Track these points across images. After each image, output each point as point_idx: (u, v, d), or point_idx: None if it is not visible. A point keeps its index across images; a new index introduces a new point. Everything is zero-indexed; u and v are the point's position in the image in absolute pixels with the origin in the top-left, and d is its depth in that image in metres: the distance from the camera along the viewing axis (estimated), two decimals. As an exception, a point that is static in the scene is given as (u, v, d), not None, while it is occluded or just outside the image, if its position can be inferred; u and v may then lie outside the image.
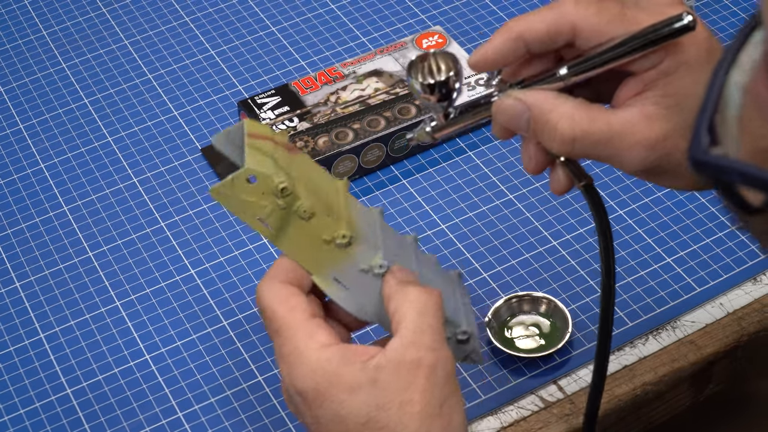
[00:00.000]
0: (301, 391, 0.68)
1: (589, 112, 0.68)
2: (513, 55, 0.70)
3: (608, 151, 0.68)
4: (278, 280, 0.71)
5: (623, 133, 0.68)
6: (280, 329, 0.70)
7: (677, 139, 0.67)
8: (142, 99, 1.17)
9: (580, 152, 0.69)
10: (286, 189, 0.69)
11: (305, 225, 0.71)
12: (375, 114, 1.08)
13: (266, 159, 0.70)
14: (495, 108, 0.71)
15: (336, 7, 1.25)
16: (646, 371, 0.91)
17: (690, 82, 0.67)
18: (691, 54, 0.67)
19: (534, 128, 0.69)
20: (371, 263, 0.72)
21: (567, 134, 0.68)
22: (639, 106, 0.68)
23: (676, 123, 0.67)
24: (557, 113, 0.68)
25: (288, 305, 0.70)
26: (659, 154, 0.68)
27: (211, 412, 0.91)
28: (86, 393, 0.93)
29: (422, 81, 0.70)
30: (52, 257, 1.03)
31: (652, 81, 0.67)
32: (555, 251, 1.00)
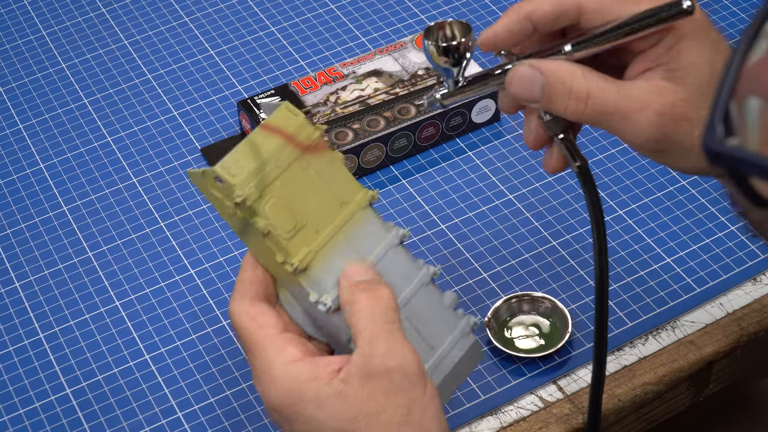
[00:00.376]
0: (275, 407, 0.69)
1: (601, 77, 0.71)
2: (521, 34, 0.73)
3: (618, 114, 0.70)
4: (247, 296, 0.72)
5: (634, 98, 0.70)
6: (251, 347, 0.70)
7: (685, 108, 0.70)
8: (142, 99, 1.17)
9: (591, 113, 0.70)
10: (243, 204, 0.69)
11: (261, 239, 0.70)
12: (374, 114, 1.08)
13: (250, 163, 0.69)
14: (510, 75, 0.73)
15: (336, 7, 1.25)
16: (646, 371, 0.91)
17: (692, 54, 0.70)
18: (689, 28, 0.70)
19: (548, 92, 0.71)
20: (322, 296, 0.71)
21: (582, 90, 0.70)
22: (647, 80, 0.70)
23: (683, 94, 0.70)
24: (572, 74, 0.70)
25: (257, 323, 0.70)
26: (668, 119, 0.70)
27: (211, 412, 0.91)
28: (86, 393, 0.93)
29: (437, 44, 0.74)
30: (52, 257, 1.03)
31: (659, 56, 0.70)
32: (555, 251, 1.00)
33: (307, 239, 0.71)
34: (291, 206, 0.71)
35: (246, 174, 0.69)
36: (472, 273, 0.99)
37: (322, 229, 0.71)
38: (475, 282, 0.98)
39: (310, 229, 0.71)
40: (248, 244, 0.72)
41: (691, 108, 0.70)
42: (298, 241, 0.70)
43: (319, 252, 0.71)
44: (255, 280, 0.72)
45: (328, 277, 0.71)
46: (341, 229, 0.72)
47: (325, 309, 0.70)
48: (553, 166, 0.75)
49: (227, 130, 1.13)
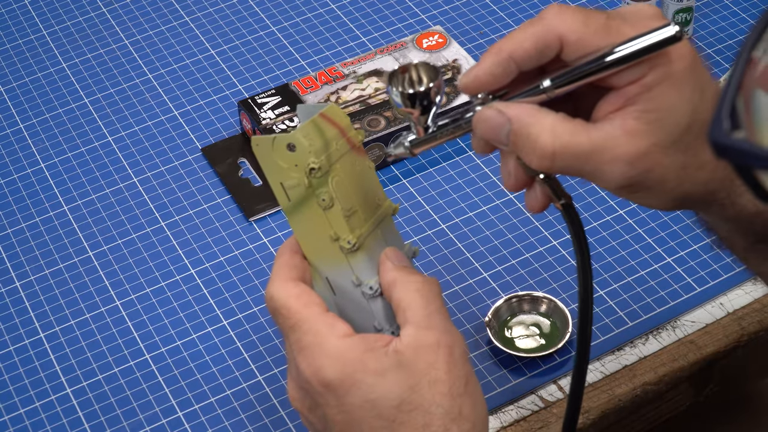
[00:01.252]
0: (326, 380, 0.68)
1: (570, 125, 0.66)
2: (504, 76, 0.68)
3: (588, 166, 0.66)
4: (289, 279, 0.72)
5: (604, 148, 0.66)
6: (297, 323, 0.70)
7: (658, 155, 0.66)
8: (143, 99, 1.17)
9: (560, 167, 0.67)
10: (316, 170, 0.70)
11: (320, 213, 0.72)
12: (375, 114, 1.08)
13: (318, 139, 0.71)
14: (475, 120, 0.69)
15: (336, 7, 1.25)
16: (646, 371, 0.91)
17: (673, 97, 0.65)
18: (675, 68, 0.65)
19: (514, 141, 0.67)
20: (364, 280, 0.72)
21: (547, 148, 0.66)
22: (620, 120, 0.66)
23: (657, 138, 0.65)
24: (538, 126, 0.66)
25: (302, 301, 0.71)
26: (639, 170, 0.66)
27: (211, 412, 0.91)
28: (86, 392, 0.93)
29: (402, 91, 0.69)
30: (52, 257, 1.03)
31: (634, 95, 0.65)
32: (555, 251, 1.00)
33: (359, 224, 0.72)
34: (348, 190, 0.72)
35: (318, 146, 0.71)
36: (473, 272, 0.99)
37: (367, 219, 0.73)
38: (475, 282, 0.98)
39: (360, 216, 0.73)
40: (297, 222, 0.73)
41: (665, 154, 0.66)
42: (352, 222, 0.72)
43: (366, 239, 0.73)
44: (294, 265, 0.73)
45: (371, 266, 0.72)
46: (379, 226, 0.74)
47: (372, 292, 0.72)
48: (538, 207, 0.71)
49: (228, 130, 1.13)
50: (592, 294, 0.73)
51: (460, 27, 1.22)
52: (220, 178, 1.08)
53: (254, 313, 0.97)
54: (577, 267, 0.72)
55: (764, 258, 0.73)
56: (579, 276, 0.72)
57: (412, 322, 0.69)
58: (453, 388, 0.68)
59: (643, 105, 0.65)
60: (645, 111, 0.65)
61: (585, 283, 0.72)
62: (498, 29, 1.21)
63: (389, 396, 0.67)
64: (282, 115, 1.08)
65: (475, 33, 1.21)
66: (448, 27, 1.21)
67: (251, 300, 0.98)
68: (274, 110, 1.09)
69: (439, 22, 1.22)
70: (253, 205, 1.06)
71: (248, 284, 1.00)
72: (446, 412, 0.67)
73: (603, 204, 1.03)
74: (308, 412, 0.71)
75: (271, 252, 1.02)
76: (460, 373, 0.69)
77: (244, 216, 1.05)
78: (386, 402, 0.67)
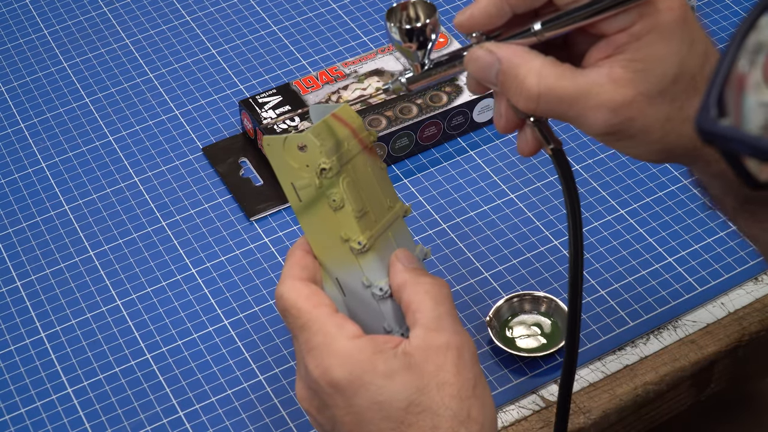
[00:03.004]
0: (335, 381, 0.68)
1: (557, 69, 0.67)
2: (498, 16, 0.70)
3: (572, 110, 0.67)
4: (299, 279, 0.72)
5: (588, 93, 0.67)
6: (307, 324, 0.70)
7: (642, 105, 0.67)
8: (144, 98, 1.17)
9: (544, 109, 0.68)
10: (327, 171, 0.70)
11: (331, 214, 0.72)
12: (376, 113, 1.08)
13: (330, 140, 0.71)
14: (467, 58, 0.70)
15: (337, 7, 1.25)
16: (647, 371, 0.91)
17: (661, 48, 0.66)
18: (663, 19, 0.66)
19: (502, 81, 0.69)
20: (374, 282, 0.72)
21: (533, 89, 0.67)
22: (607, 68, 0.67)
23: (642, 88, 0.66)
24: (526, 67, 0.68)
25: (312, 301, 0.71)
26: (622, 117, 0.67)
27: (212, 411, 0.91)
28: (87, 392, 0.93)
29: (400, 26, 0.71)
30: (53, 256, 1.03)
31: (623, 44, 0.66)
32: (556, 250, 1.00)
33: (369, 225, 0.73)
34: (359, 191, 0.72)
35: (329, 146, 0.71)
36: (474, 272, 0.99)
37: (378, 221, 0.74)
38: (476, 281, 0.98)
39: (371, 217, 0.73)
40: (307, 222, 0.73)
41: (649, 104, 0.67)
42: (362, 223, 0.72)
43: (377, 240, 0.73)
44: (305, 266, 0.73)
45: (381, 267, 0.73)
46: (390, 228, 0.74)
47: (381, 294, 0.72)
48: (528, 150, 0.72)
49: (229, 130, 1.13)
50: (583, 246, 0.72)
51: (461, 26, 1.21)
52: (221, 177, 1.08)
53: (255, 312, 0.97)
54: (567, 213, 0.71)
55: (753, 220, 0.74)
56: (569, 225, 0.71)
57: (422, 324, 0.69)
58: (462, 391, 0.68)
59: (631, 54, 0.66)
60: (632, 60, 0.66)
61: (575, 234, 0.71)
62: (499, 29, 1.21)
63: (398, 398, 0.67)
64: (283, 115, 1.08)
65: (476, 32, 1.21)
66: (449, 26, 1.21)
67: (252, 300, 0.98)
68: (275, 110, 1.09)
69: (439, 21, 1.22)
70: (254, 204, 1.06)
71: (249, 284, 1.00)
72: (455, 414, 0.67)
73: (604, 203, 1.03)
74: (316, 413, 0.71)
75: (272, 252, 1.02)
76: (469, 375, 0.69)
77: (245, 216, 1.05)
78: (394, 404, 0.67)
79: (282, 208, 1.05)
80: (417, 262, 0.73)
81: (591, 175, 1.06)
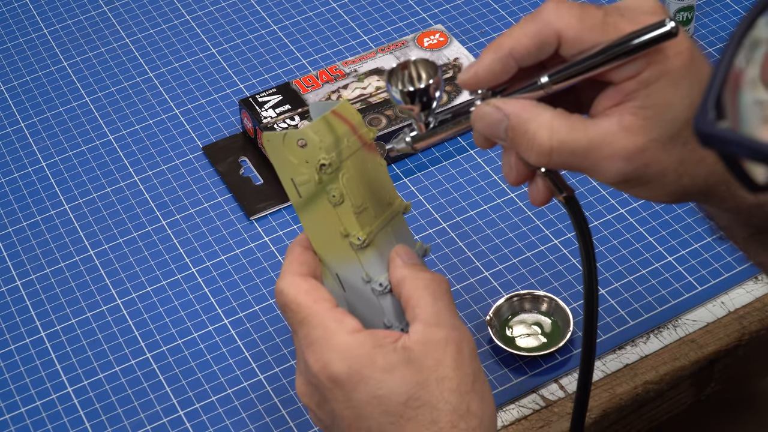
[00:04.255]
0: (334, 375, 0.68)
1: (567, 121, 0.66)
2: (503, 72, 0.68)
3: (586, 162, 0.66)
4: (299, 274, 0.72)
5: (601, 144, 0.66)
6: (306, 318, 0.70)
7: (655, 151, 0.66)
8: (144, 97, 1.17)
9: (557, 163, 0.67)
10: (326, 167, 0.70)
11: (330, 209, 0.72)
12: (376, 113, 1.08)
13: (329, 136, 0.71)
14: (474, 116, 0.69)
15: (337, 6, 1.25)
16: (648, 370, 0.91)
17: (671, 93, 0.65)
18: (672, 64, 0.65)
19: (512, 137, 0.68)
20: (374, 277, 0.73)
21: (545, 144, 0.66)
22: (617, 116, 0.66)
23: (655, 134, 0.66)
24: (536, 123, 0.67)
25: (312, 296, 0.71)
26: (636, 165, 0.66)
27: (212, 411, 0.91)
28: (87, 391, 0.93)
29: (402, 89, 0.69)
30: (53, 255, 1.03)
31: (632, 91, 0.65)
32: (556, 250, 1.00)
33: (369, 221, 0.73)
34: (359, 187, 0.73)
35: (329, 142, 0.71)
36: (474, 271, 0.99)
37: (378, 217, 0.74)
38: (476, 280, 0.98)
39: (371, 212, 0.73)
40: (307, 218, 0.73)
41: (662, 150, 0.66)
42: (362, 219, 0.72)
43: (377, 236, 0.73)
44: (305, 261, 0.73)
45: (381, 263, 0.73)
46: (389, 224, 0.75)
47: (381, 289, 0.72)
48: (540, 200, 0.71)
49: (229, 129, 1.13)
50: (597, 289, 0.73)
51: (461, 26, 1.22)
52: (221, 176, 1.08)
53: (255, 311, 0.97)
54: (582, 260, 0.72)
55: (764, 249, 0.74)
56: (584, 269, 0.72)
57: (421, 319, 0.70)
58: (461, 385, 0.68)
59: (641, 101, 0.66)
60: (642, 107, 0.65)
61: (590, 277, 0.72)
62: (499, 28, 1.21)
63: (397, 392, 0.68)
64: (283, 114, 1.08)
65: (476, 32, 1.21)
66: (449, 26, 1.21)
67: (252, 299, 0.98)
68: (275, 109, 1.09)
69: (440, 20, 1.22)
70: (254, 203, 1.06)
71: (249, 283, 1.00)
72: (454, 408, 0.68)
73: (604, 203, 1.03)
74: (316, 408, 0.71)
75: (272, 251, 1.02)
76: (468, 370, 0.69)
77: (245, 215, 1.05)
78: (394, 398, 0.68)
79: (282, 207, 1.05)
80: (416, 257, 0.74)
81: (591, 175, 1.06)
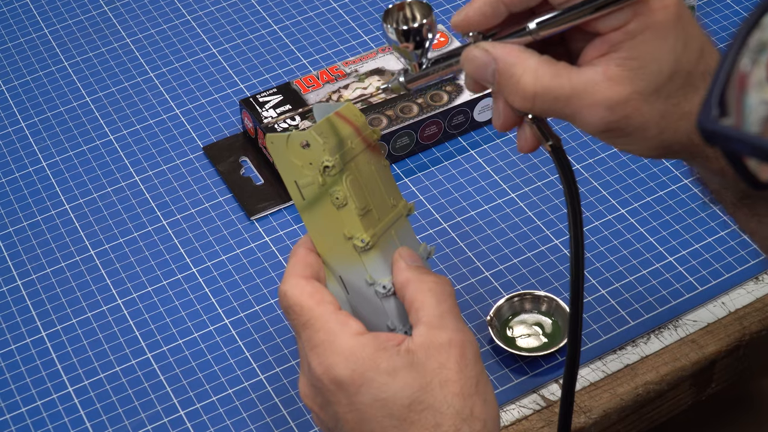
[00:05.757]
0: (337, 378, 0.68)
1: (552, 68, 0.68)
2: (493, 16, 0.70)
3: (568, 108, 0.67)
4: (303, 276, 0.72)
5: (584, 92, 0.67)
6: (310, 321, 0.70)
7: (638, 102, 0.67)
8: (144, 97, 1.17)
9: (540, 108, 0.68)
10: (329, 169, 0.71)
11: (334, 211, 0.72)
12: (377, 113, 1.08)
13: (333, 137, 0.71)
14: (463, 58, 0.71)
15: (338, 6, 1.25)
16: (648, 370, 0.91)
17: (656, 46, 0.66)
18: (658, 17, 0.66)
19: (498, 81, 0.69)
20: (378, 279, 0.73)
21: (529, 89, 0.67)
22: (603, 66, 0.67)
23: (638, 86, 0.66)
24: (521, 67, 0.68)
25: (315, 299, 0.71)
26: (619, 115, 0.67)
27: (213, 411, 0.91)
28: (87, 391, 0.93)
29: (397, 27, 0.71)
30: (54, 255, 1.03)
31: (618, 42, 0.66)
32: (557, 250, 1.00)
33: (373, 223, 0.73)
34: (362, 189, 0.73)
35: (332, 144, 0.71)
36: (475, 271, 0.99)
37: (382, 219, 0.74)
38: (477, 281, 0.98)
39: (374, 215, 0.73)
40: (310, 220, 0.73)
41: (645, 101, 0.67)
42: (366, 221, 0.72)
43: (380, 238, 0.73)
44: (308, 263, 0.73)
45: (384, 265, 0.73)
46: (393, 226, 0.75)
47: (385, 291, 0.72)
48: (527, 147, 0.72)
49: (229, 129, 1.13)
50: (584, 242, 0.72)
51: (462, 26, 1.21)
52: (221, 176, 1.08)
53: (256, 312, 0.97)
54: (567, 211, 0.71)
55: (751, 214, 0.74)
56: (569, 221, 0.71)
57: (425, 321, 0.70)
58: (464, 388, 0.68)
59: (626, 52, 0.66)
60: (627, 58, 0.66)
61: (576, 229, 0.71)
62: (500, 28, 1.21)
63: (400, 395, 0.68)
64: (283, 114, 1.08)
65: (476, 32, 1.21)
66: (449, 26, 1.21)
67: (252, 299, 0.98)
68: (275, 109, 1.09)
69: (440, 20, 1.22)
70: (254, 203, 1.06)
71: (250, 283, 1.00)
72: (457, 411, 0.68)
73: (604, 203, 1.03)
74: (319, 410, 0.71)
75: (272, 251, 1.02)
76: (471, 373, 0.69)
77: (246, 215, 1.05)
78: (397, 401, 0.68)
79: (282, 207, 1.05)
80: (420, 260, 0.73)
81: (591, 175, 1.06)
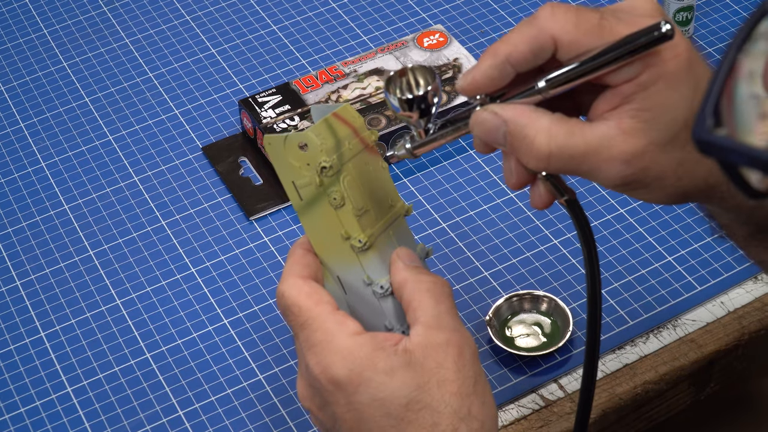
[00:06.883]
0: (335, 378, 0.68)
1: (565, 126, 0.66)
2: (500, 78, 0.68)
3: (584, 166, 0.67)
4: (300, 276, 0.72)
5: (600, 148, 0.66)
6: (308, 321, 0.70)
7: (654, 154, 0.66)
8: (143, 97, 1.17)
9: (556, 167, 0.67)
10: (327, 169, 0.71)
11: (331, 212, 0.72)
12: (376, 113, 1.08)
13: (330, 138, 0.71)
14: (472, 122, 0.69)
15: (337, 6, 1.25)
16: (647, 370, 0.91)
17: (669, 95, 0.65)
18: (670, 67, 0.65)
19: (510, 143, 0.68)
20: (375, 279, 0.73)
21: (543, 150, 0.66)
22: (616, 120, 0.66)
23: (653, 137, 0.66)
24: (533, 128, 0.67)
25: (313, 299, 0.71)
26: (636, 168, 0.66)
27: (212, 411, 0.91)
28: (86, 391, 0.93)
29: (400, 96, 0.69)
30: (53, 256, 1.03)
31: (630, 94, 0.65)
32: (556, 250, 1.00)
33: (370, 223, 0.73)
34: (360, 189, 0.73)
35: (330, 145, 0.71)
36: (473, 271, 0.99)
37: (379, 219, 0.74)
38: (476, 280, 0.98)
39: (372, 215, 0.73)
40: (308, 220, 0.73)
41: (661, 152, 0.66)
42: (363, 221, 0.72)
43: (378, 238, 0.73)
44: (306, 264, 0.73)
45: (382, 265, 0.73)
46: (391, 226, 0.75)
47: (382, 291, 0.72)
48: (542, 203, 0.71)
49: (228, 129, 1.13)
50: (601, 292, 0.72)
51: (461, 26, 1.22)
52: (220, 177, 1.08)
53: (254, 312, 0.97)
54: (585, 262, 0.71)
55: (764, 247, 0.74)
56: (587, 272, 0.71)
57: (422, 321, 0.70)
58: (462, 388, 0.68)
59: (639, 104, 0.65)
60: (640, 110, 0.65)
61: (593, 280, 0.71)
62: (499, 28, 1.21)
63: (398, 395, 0.68)
64: (282, 114, 1.08)
65: (476, 32, 1.21)
66: (449, 26, 1.21)
67: (251, 299, 0.98)
68: (274, 109, 1.09)
69: (440, 21, 1.22)
70: (253, 204, 1.06)
71: (248, 283, 1.00)
72: (455, 411, 0.68)
73: (603, 203, 1.03)
74: (317, 410, 0.71)
75: (271, 251, 1.02)
76: (469, 373, 0.69)
77: (245, 215, 1.05)
78: (395, 401, 0.68)
79: (281, 207, 1.05)
80: (418, 260, 0.74)
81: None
